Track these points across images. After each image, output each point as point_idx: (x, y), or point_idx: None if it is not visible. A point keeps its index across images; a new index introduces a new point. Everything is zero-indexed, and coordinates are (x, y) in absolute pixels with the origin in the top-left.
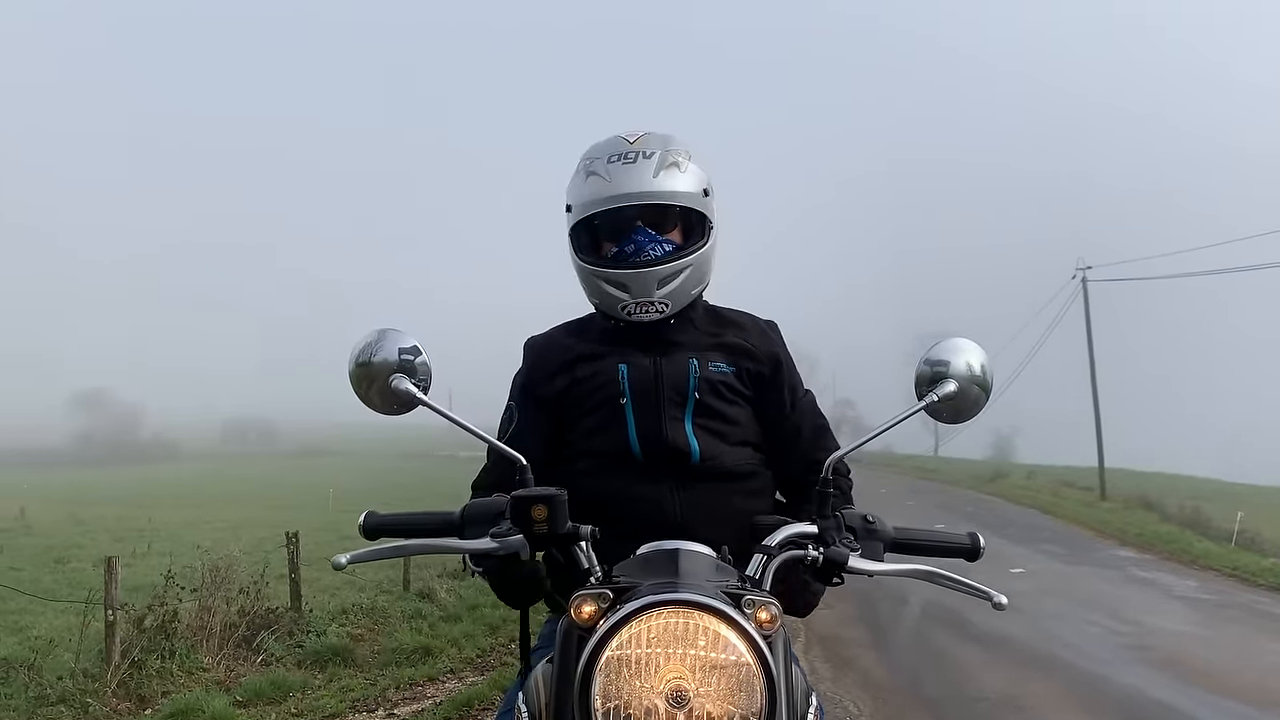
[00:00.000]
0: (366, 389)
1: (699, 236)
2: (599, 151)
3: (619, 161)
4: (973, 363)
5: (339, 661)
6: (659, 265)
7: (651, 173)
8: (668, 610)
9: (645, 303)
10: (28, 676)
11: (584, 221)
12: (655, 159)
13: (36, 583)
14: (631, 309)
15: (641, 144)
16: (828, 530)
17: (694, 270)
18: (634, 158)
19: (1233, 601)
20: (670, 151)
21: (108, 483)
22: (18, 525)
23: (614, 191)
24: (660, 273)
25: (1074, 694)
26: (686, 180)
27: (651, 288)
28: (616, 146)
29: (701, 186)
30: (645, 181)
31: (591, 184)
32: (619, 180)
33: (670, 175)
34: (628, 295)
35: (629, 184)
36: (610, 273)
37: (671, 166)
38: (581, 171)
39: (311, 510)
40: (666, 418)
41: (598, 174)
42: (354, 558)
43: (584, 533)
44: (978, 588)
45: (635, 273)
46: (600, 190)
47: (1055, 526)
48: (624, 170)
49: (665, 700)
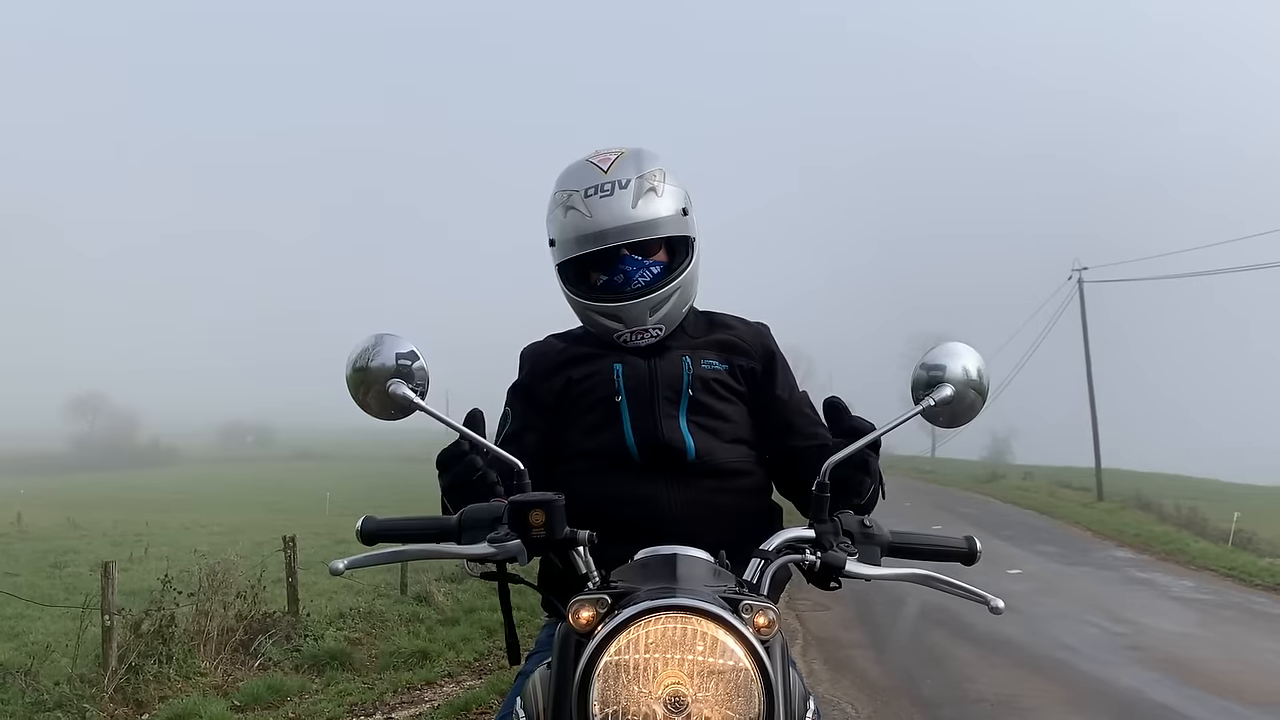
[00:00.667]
0: (364, 394)
1: (684, 255)
2: (574, 183)
3: (596, 195)
4: (969, 367)
5: (336, 665)
6: (650, 294)
7: (630, 203)
8: (666, 615)
9: (639, 330)
10: (24, 682)
11: (570, 258)
12: (631, 188)
13: (33, 588)
14: (626, 337)
15: (616, 171)
16: (825, 534)
17: (682, 291)
18: (610, 189)
19: (1229, 601)
20: (645, 177)
21: (104, 487)
22: (14, 530)
23: (595, 229)
24: (651, 301)
25: (1072, 694)
26: (666, 203)
27: (644, 316)
28: (590, 177)
29: (680, 206)
30: (625, 214)
31: (572, 220)
32: (599, 215)
33: (649, 202)
34: (621, 325)
35: (609, 219)
36: (603, 306)
37: (649, 193)
38: (560, 206)
39: (309, 514)
40: (661, 415)
41: (576, 209)
42: (352, 563)
43: (581, 537)
44: (975, 592)
45: (628, 304)
46: (581, 227)
47: (1052, 527)
48: (602, 205)
49: (664, 705)
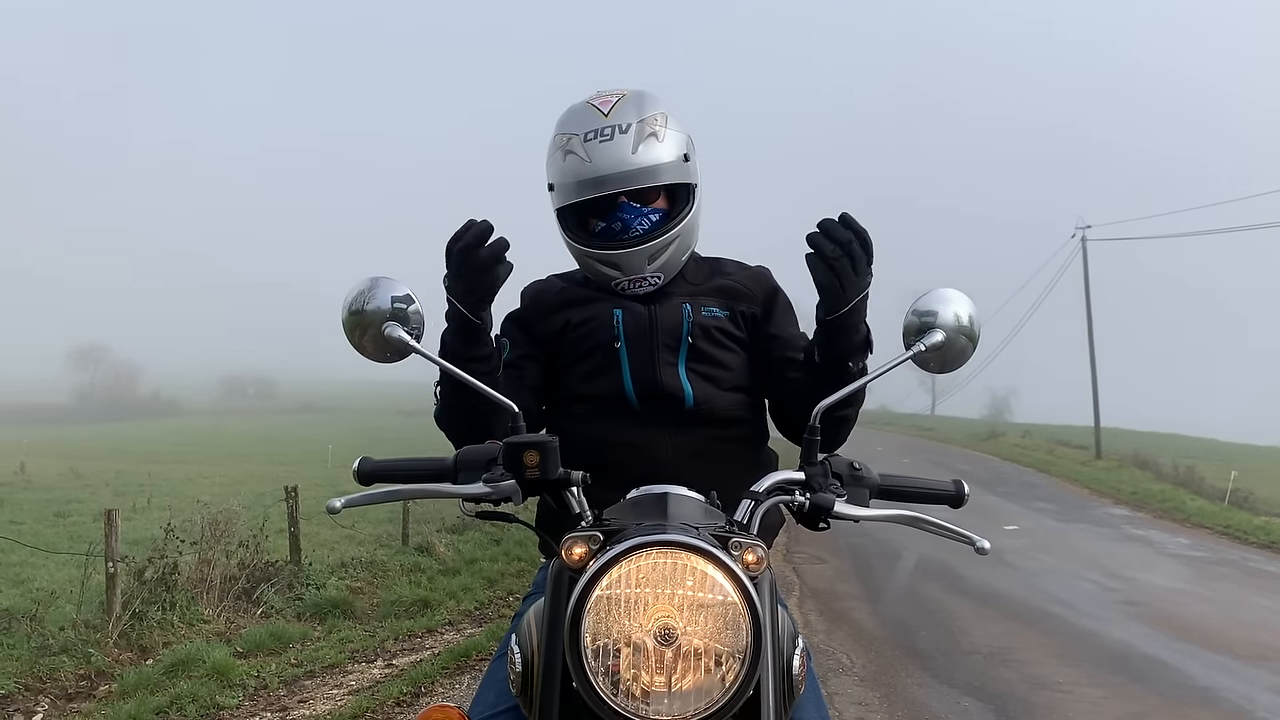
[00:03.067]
0: (359, 337)
1: (684, 202)
2: (574, 126)
3: (595, 140)
4: (960, 313)
5: (338, 614)
6: (648, 242)
7: (630, 148)
8: (656, 551)
9: (638, 279)
10: (30, 627)
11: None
12: (632, 133)
13: (37, 535)
14: (625, 285)
15: (616, 115)
16: (814, 476)
17: (681, 239)
18: (610, 134)
19: (1224, 559)
20: (646, 121)
21: (106, 438)
22: (17, 480)
23: (594, 174)
24: (650, 249)
25: (1065, 648)
26: (667, 149)
27: (643, 264)
28: (590, 120)
29: (682, 151)
30: (625, 160)
31: (571, 164)
32: (598, 161)
33: (649, 148)
34: (619, 273)
35: (609, 164)
36: (601, 254)
37: (650, 138)
38: (559, 149)
39: (310, 466)
40: (660, 362)
41: (575, 153)
42: (349, 502)
43: (575, 478)
44: (961, 533)
45: (626, 253)
46: (580, 172)
47: (1050, 485)
48: (602, 150)
49: (653, 638)
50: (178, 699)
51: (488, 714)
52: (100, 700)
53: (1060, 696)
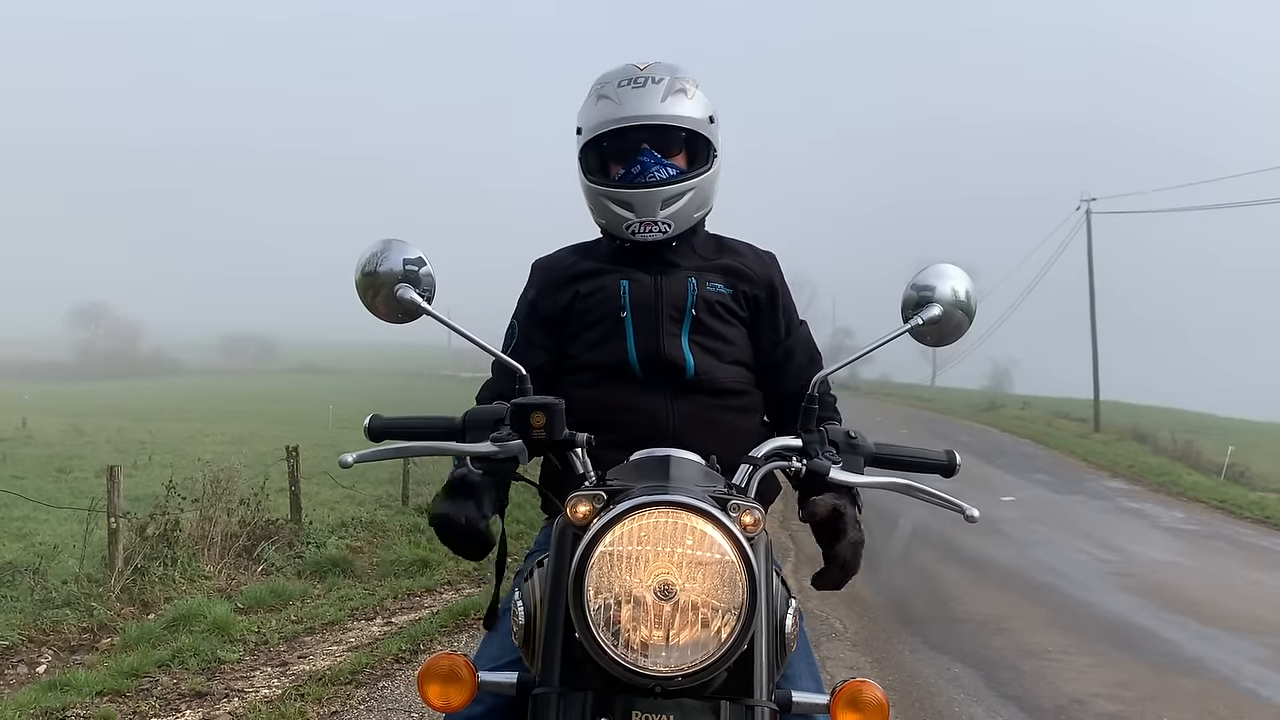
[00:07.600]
0: (372, 298)
1: (703, 162)
2: (610, 77)
3: (629, 86)
4: (957, 288)
5: (338, 572)
6: (664, 186)
7: (660, 97)
8: (658, 510)
9: (649, 222)
10: (33, 580)
11: (592, 143)
12: (664, 84)
13: (39, 490)
14: (636, 228)
15: (651, 70)
16: (811, 444)
17: (697, 193)
18: (643, 82)
19: (1218, 533)
20: (678, 79)
21: (108, 395)
22: (19, 435)
23: (622, 114)
24: (664, 193)
25: (1056, 617)
26: (693, 106)
27: (655, 208)
28: (627, 72)
29: (708, 114)
30: (653, 105)
31: (601, 107)
32: (628, 103)
33: (678, 100)
34: (632, 214)
35: (637, 107)
36: (616, 192)
37: (679, 93)
38: (593, 95)
39: (312, 427)
40: (664, 333)
41: (608, 97)
42: (360, 457)
43: (580, 439)
44: (952, 501)
45: (640, 192)
46: (609, 113)
47: (1048, 457)
48: (633, 94)
49: (653, 593)
50: (179, 652)
51: (491, 665)
52: (103, 653)
53: (1048, 664)
